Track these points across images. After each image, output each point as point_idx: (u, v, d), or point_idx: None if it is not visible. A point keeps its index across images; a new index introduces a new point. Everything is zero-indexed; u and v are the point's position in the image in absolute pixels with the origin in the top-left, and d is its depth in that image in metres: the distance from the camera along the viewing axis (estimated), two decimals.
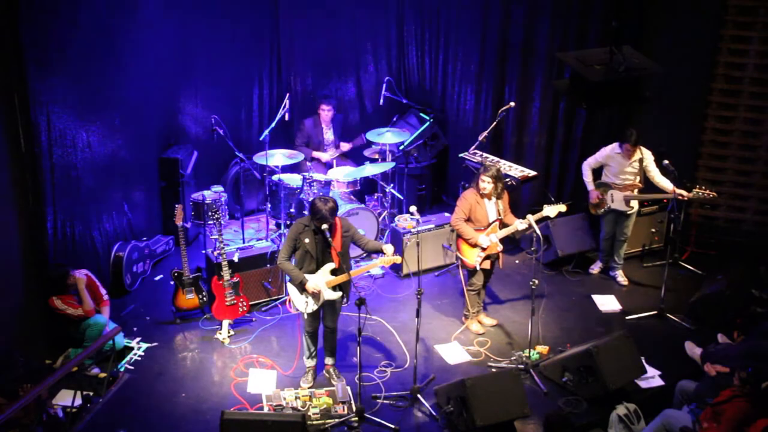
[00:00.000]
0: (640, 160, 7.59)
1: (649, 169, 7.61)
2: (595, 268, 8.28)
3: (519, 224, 6.78)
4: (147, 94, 7.99)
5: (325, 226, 5.95)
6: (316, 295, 6.14)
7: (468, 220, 6.86)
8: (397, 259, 6.17)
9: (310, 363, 6.52)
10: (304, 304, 6.22)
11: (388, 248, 6.18)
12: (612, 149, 7.69)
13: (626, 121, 8.66)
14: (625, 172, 7.64)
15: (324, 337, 6.50)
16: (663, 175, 7.57)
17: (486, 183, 6.77)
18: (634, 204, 7.78)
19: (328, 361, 6.58)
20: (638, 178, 7.64)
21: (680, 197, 7.33)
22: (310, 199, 6.50)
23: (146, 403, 6.25)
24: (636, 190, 7.70)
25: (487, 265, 6.95)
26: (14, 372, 6.08)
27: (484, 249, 6.83)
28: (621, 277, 8.12)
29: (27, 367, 6.23)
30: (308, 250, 6.09)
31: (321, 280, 6.10)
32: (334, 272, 6.11)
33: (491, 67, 9.13)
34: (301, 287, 6.13)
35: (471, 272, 7.02)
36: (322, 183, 8.29)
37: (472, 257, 6.87)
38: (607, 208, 7.82)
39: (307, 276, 6.09)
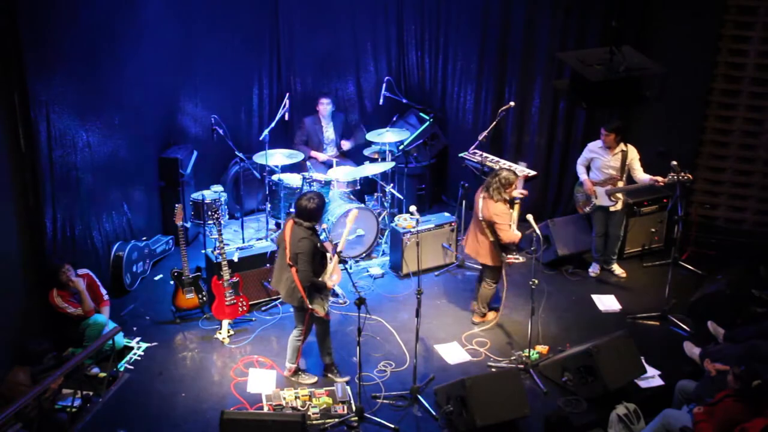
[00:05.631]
0: (623, 154, 7.61)
1: (633, 167, 7.64)
2: (595, 270, 8.25)
3: None
4: (147, 94, 7.98)
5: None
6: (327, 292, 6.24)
7: None
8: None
9: (328, 360, 6.58)
10: (322, 307, 6.23)
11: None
12: (594, 143, 7.83)
13: (626, 121, 8.65)
14: (608, 165, 7.68)
15: (319, 337, 6.52)
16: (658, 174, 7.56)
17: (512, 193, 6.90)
18: (619, 200, 7.78)
19: (328, 360, 6.58)
20: (619, 173, 7.67)
21: (656, 183, 7.47)
22: (304, 204, 6.05)
23: (146, 403, 6.26)
24: (618, 184, 7.72)
25: None
26: (46, 364, 6.16)
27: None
28: (618, 270, 8.18)
29: (58, 359, 6.30)
30: (322, 250, 6.19)
31: (332, 270, 6.23)
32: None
33: (491, 67, 9.13)
34: (323, 289, 6.17)
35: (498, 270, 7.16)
36: (322, 183, 8.28)
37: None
38: (593, 206, 7.90)
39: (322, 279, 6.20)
